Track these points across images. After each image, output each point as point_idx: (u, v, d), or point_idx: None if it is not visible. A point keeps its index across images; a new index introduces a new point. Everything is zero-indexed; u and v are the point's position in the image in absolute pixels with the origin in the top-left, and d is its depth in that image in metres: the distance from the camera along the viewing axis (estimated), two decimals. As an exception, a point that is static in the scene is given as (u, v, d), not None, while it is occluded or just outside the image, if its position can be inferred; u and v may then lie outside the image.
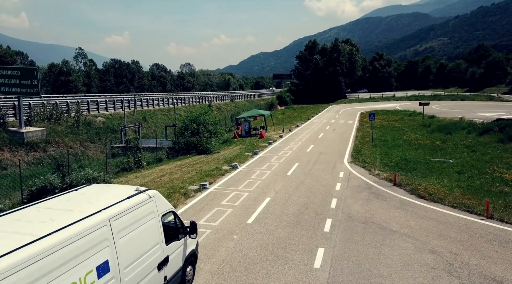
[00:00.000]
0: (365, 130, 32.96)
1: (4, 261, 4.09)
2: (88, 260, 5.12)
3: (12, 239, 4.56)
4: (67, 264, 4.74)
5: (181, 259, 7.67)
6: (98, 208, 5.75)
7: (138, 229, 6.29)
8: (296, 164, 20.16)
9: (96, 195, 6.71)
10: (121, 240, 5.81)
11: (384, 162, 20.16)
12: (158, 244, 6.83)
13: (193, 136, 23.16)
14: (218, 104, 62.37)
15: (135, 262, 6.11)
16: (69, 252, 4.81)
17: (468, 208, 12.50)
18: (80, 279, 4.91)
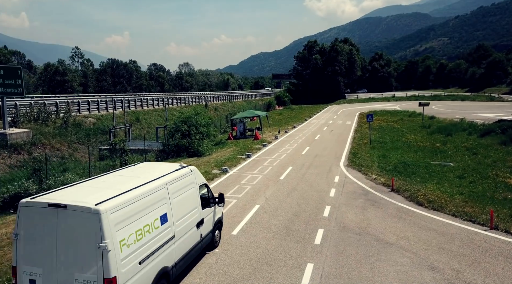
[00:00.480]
0: (363, 132, 32.12)
1: (118, 198, 6.17)
2: (155, 211, 7.01)
3: (108, 192, 6.39)
4: (143, 211, 6.65)
5: (212, 223, 9.57)
6: (158, 176, 7.76)
7: (184, 194, 8.25)
8: (289, 168, 19.31)
9: (152, 168, 8.97)
10: (173, 200, 7.75)
11: (381, 166, 19.32)
12: (196, 207, 8.76)
13: (184, 138, 22.31)
14: (215, 105, 61.50)
15: (183, 218, 8.03)
16: (144, 203, 6.71)
17: (470, 217, 11.65)
18: (151, 222, 6.82)
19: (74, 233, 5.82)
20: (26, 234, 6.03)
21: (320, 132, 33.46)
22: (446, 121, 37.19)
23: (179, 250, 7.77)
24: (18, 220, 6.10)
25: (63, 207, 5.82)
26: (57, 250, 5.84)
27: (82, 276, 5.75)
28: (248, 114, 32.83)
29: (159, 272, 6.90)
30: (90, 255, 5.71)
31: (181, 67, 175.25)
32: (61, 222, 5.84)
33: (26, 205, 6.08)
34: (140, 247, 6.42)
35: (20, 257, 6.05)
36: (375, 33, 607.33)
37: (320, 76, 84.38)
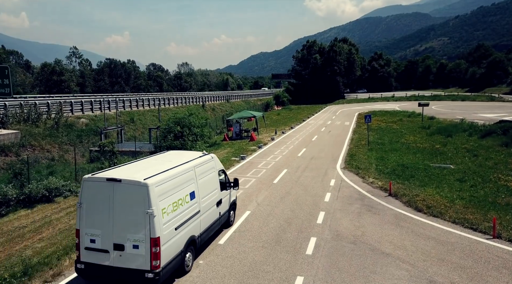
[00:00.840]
0: (362, 133, 31.51)
1: (158, 175, 7.61)
2: (186, 188, 8.47)
3: (151, 170, 7.88)
4: (178, 187, 8.12)
5: (228, 204, 11.04)
6: (186, 160, 9.25)
7: (206, 177, 9.73)
8: (284, 170, 18.69)
9: (179, 155, 10.51)
10: (199, 181, 9.23)
11: (379, 168, 18.71)
12: (216, 189, 10.23)
13: (177, 140, 21.68)
14: (212, 105, 60.84)
15: (206, 197, 9.51)
16: (178, 181, 8.18)
17: (471, 224, 11.04)
18: (183, 197, 8.29)
19: (127, 202, 7.30)
20: (88, 203, 7.51)
21: (317, 133, 32.84)
22: (446, 122, 36.59)
23: (203, 223, 9.32)
24: (81, 192, 7.62)
25: (118, 181, 7.37)
26: (113, 215, 7.31)
27: (133, 236, 7.23)
28: (244, 115, 32.18)
29: (189, 239, 8.44)
30: (140, 220, 7.19)
31: (180, 67, 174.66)
32: (116, 193, 7.34)
33: (88, 180, 7.66)
34: (175, 216, 7.97)
35: (83, 222, 7.51)
36: (375, 33, 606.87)
37: (319, 76, 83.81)
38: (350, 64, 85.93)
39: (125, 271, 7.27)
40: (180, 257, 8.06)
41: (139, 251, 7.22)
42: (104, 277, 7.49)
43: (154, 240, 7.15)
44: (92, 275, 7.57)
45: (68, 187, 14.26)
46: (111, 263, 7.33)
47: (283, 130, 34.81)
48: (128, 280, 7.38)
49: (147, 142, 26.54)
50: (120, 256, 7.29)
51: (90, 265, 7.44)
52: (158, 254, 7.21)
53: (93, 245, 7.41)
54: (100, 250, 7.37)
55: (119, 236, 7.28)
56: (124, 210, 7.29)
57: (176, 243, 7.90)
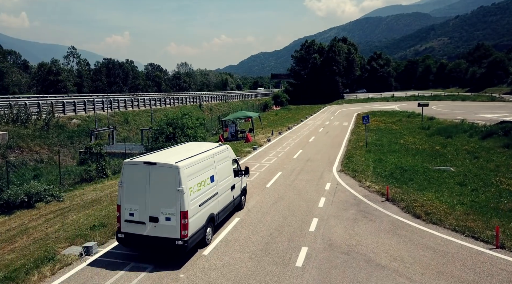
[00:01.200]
0: (360, 134, 30.87)
1: (186, 160, 8.99)
2: (207, 172, 9.85)
3: (179, 156, 9.27)
4: (200, 171, 9.44)
5: (240, 189, 12.45)
6: (206, 149, 10.64)
7: (222, 164, 11.08)
8: (278, 173, 18.06)
9: (199, 145, 11.74)
10: (217, 167, 10.60)
11: (377, 171, 18.07)
12: (230, 175, 11.62)
13: (169, 141, 21.04)
14: (210, 105, 60.17)
15: (222, 181, 10.86)
16: (201, 166, 9.58)
17: (473, 232, 10.40)
18: (205, 179, 9.67)
19: (161, 181, 8.64)
20: (127, 182, 8.86)
21: (315, 134, 32.20)
22: (446, 122, 35.96)
23: (220, 203, 10.69)
24: (122, 173, 8.99)
25: (154, 164, 8.74)
26: (149, 192, 8.66)
27: (166, 210, 8.56)
28: (240, 115, 31.51)
29: (209, 216, 9.81)
30: (171, 196, 8.52)
31: (180, 67, 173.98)
32: (152, 174, 8.68)
33: (128, 163, 9.06)
34: (199, 195, 9.32)
35: (123, 198, 8.83)
36: (375, 33, 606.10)
37: (318, 76, 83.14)
38: (349, 64, 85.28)
39: (159, 239, 8.64)
40: (202, 230, 9.51)
41: (171, 222, 8.61)
42: (141, 245, 8.94)
43: (183, 213, 8.57)
44: (130, 243, 8.98)
45: (50, 191, 13.62)
46: (147, 233, 8.72)
47: (280, 131, 34.16)
48: (161, 247, 8.73)
49: (140, 144, 25.89)
50: (155, 226, 8.69)
51: (129, 234, 8.84)
52: (186, 225, 8.60)
53: (131, 218, 8.81)
54: (137, 222, 8.78)
55: (154, 210, 8.69)
56: (159, 188, 8.70)
57: (200, 217, 9.33)
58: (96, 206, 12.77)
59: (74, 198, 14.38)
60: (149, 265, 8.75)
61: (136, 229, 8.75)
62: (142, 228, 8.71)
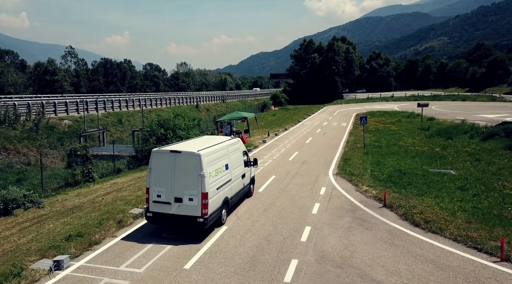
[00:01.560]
0: (358, 135, 30.18)
1: (206, 149, 10.31)
2: (222, 161, 11.24)
3: (199, 146, 10.70)
4: (217, 159, 10.83)
5: (249, 178, 13.74)
6: (220, 141, 12.09)
7: (235, 154, 12.43)
8: (272, 177, 17.35)
9: (213, 138, 13.28)
10: (231, 156, 11.98)
11: (375, 174, 17.38)
12: (241, 165, 12.94)
13: (160, 143, 20.33)
14: (207, 105, 59.42)
15: (235, 169, 12.20)
16: (218, 155, 10.98)
17: (475, 243, 9.70)
18: (221, 167, 11.02)
19: (185, 167, 9.86)
20: (155, 168, 10.04)
21: (312, 135, 31.48)
22: (446, 123, 35.29)
23: (233, 189, 11.95)
24: (151, 161, 10.10)
25: (178, 152, 9.99)
26: (174, 177, 9.87)
27: (189, 191, 9.80)
28: (235, 116, 30.78)
29: (224, 199, 11.10)
30: (194, 179, 9.74)
31: (179, 67, 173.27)
32: (177, 161, 9.90)
33: (156, 152, 10.24)
34: (217, 179, 10.55)
35: (152, 182, 10.02)
36: (375, 33, 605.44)
37: (317, 76, 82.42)
38: (348, 63, 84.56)
39: (183, 217, 9.95)
40: (219, 211, 10.79)
41: (193, 202, 9.89)
42: (167, 222, 10.29)
43: (204, 194, 9.84)
44: (158, 221, 10.28)
45: (30, 197, 12.90)
46: (173, 212, 10.02)
47: (276, 132, 33.45)
48: (185, 224, 10.09)
49: (131, 145, 25.16)
50: (179, 206, 9.98)
51: (157, 213, 10.11)
52: (206, 205, 9.87)
53: (159, 199, 10.07)
54: (164, 202, 10.04)
55: (178, 191, 9.97)
56: (183, 172, 9.97)
57: (217, 199, 10.61)
58: (76, 213, 12.08)
59: (55, 204, 13.67)
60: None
61: (163, 208, 10.09)
62: (168, 208, 10.06)
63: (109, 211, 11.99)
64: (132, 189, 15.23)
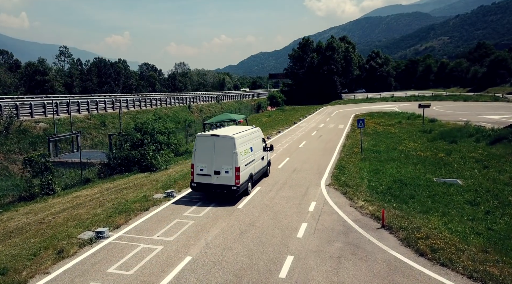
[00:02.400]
0: (356, 138, 28.26)
1: (237, 134, 13.57)
2: (248, 144, 14.23)
3: (231, 132, 13.87)
4: (245, 142, 13.91)
5: (266, 161, 17.14)
6: (246, 129, 15.22)
7: (256, 140, 15.65)
8: (256, 189, 15.37)
9: (239, 127, 16.30)
10: (254, 141, 15.08)
11: (372, 185, 15.44)
12: (261, 149, 16.18)
13: (136, 149, 18.39)
14: (200, 106, 57.37)
15: (257, 152, 15.36)
16: (245, 139, 14.07)
17: (496, 283, 7.75)
18: (247, 148, 14.04)
19: (222, 147, 13.08)
20: (199, 148, 13.32)
21: (306, 139, 29.49)
22: (449, 125, 33.35)
23: (255, 168, 15.05)
24: (196, 142, 13.52)
25: (217, 136, 13.27)
26: (214, 154, 13.13)
27: (225, 166, 13.03)
28: (223, 118, 28.65)
29: (250, 174, 14.28)
30: (229, 156, 13.00)
31: (177, 66, 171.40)
32: (216, 142, 13.18)
33: (200, 135, 13.67)
34: (245, 158, 13.74)
35: (196, 159, 13.31)
36: (375, 32, 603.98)
37: (315, 76, 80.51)
38: (347, 63, 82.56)
39: (220, 186, 13.02)
40: (246, 183, 13.74)
41: (228, 174, 12.93)
42: (207, 190, 13.30)
43: (237, 168, 12.87)
44: (200, 189, 13.36)
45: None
46: (213, 182, 13.05)
47: (268, 135, 31.44)
48: (222, 191, 13.08)
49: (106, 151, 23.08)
50: (218, 177, 13.00)
51: (200, 183, 13.17)
52: (238, 176, 12.89)
53: (201, 172, 13.06)
54: (205, 174, 13.02)
55: (217, 166, 12.98)
56: (220, 151, 12.97)
57: (245, 173, 13.55)
58: (14, 239, 10.14)
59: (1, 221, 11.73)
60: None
61: (204, 179, 13.05)
62: (209, 179, 13.03)
63: (53, 236, 10.01)
64: (93, 204, 13.25)
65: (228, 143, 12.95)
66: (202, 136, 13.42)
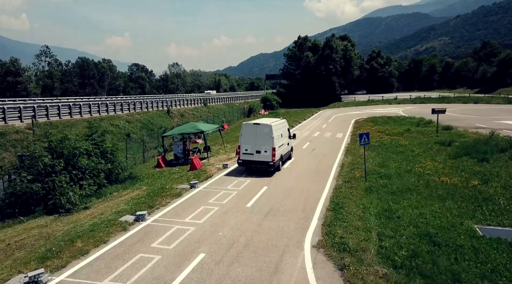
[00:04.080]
0: (358, 153, 22.47)
1: (273, 122, 18.78)
2: (280, 131, 19.19)
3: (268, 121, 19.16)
4: (278, 130, 18.85)
5: (290, 146, 21.73)
6: (276, 120, 20.32)
7: (284, 129, 20.49)
8: (196, 259, 9.44)
9: (272, 118, 22.84)
10: (283, 129, 20.13)
11: (386, 247, 9.70)
12: (287, 136, 20.87)
13: (38, 182, 12.60)
14: (182, 110, 51.44)
15: (285, 138, 20.33)
16: (278, 128, 19.03)
17: None
18: (279, 134, 19.00)
19: (262, 132, 17.60)
20: (244, 133, 17.88)
21: (296, 153, 23.67)
22: (470, 134, 27.61)
23: (283, 150, 19.61)
24: (242, 129, 18.09)
25: (258, 124, 17.99)
26: (256, 138, 17.68)
27: (265, 147, 17.53)
28: (186, 130, 22.63)
29: (281, 154, 18.81)
30: (268, 139, 17.53)
31: (171, 67, 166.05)
32: (257, 129, 17.75)
33: (245, 124, 18.39)
34: (278, 141, 18.20)
35: (242, 141, 17.86)
36: (375, 33, 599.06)
37: (312, 76, 74.72)
38: (346, 62, 76.80)
39: (261, 162, 17.71)
40: (278, 161, 18.57)
41: (267, 153, 17.55)
42: (251, 165, 18.07)
43: (273, 148, 17.47)
44: (245, 165, 18.22)
45: None
46: (255, 159, 17.79)
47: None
48: (261, 166, 17.81)
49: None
50: (258, 155, 17.67)
51: (244, 160, 18.02)
52: (274, 155, 17.52)
53: (246, 151, 17.86)
54: (249, 153, 17.79)
55: (258, 147, 17.66)
56: (261, 136, 17.60)
57: (278, 153, 18.26)
58: None
59: None
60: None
61: (248, 157, 17.86)
62: (252, 157, 17.79)
63: None
64: None
65: (267, 128, 17.53)
66: (246, 124, 18.20)
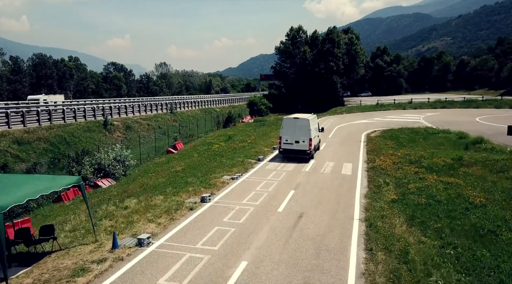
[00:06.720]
0: (386, 218, 10.23)
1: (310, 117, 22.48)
2: (314, 124, 22.97)
3: (304, 115, 22.97)
4: (313, 123, 22.70)
5: (319, 138, 25.27)
6: (310, 115, 23.95)
7: (316, 123, 23.93)
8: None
9: (303, 114, 24.80)
10: (315, 123, 23.52)
11: None
12: (317, 129, 24.43)
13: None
14: (132, 120, 38.37)
15: (317, 131, 24.00)
16: (313, 121, 22.84)
17: None
18: (315, 127, 22.98)
19: (301, 125, 21.19)
20: (285, 126, 21.42)
21: (269, 222, 11.32)
22: None
23: (316, 141, 22.91)
24: (283, 122, 21.69)
25: (297, 118, 21.70)
26: (295, 130, 21.18)
27: (303, 137, 21.06)
28: (30, 194, 9.75)
29: (315, 145, 22.41)
30: (305, 131, 21.08)
31: (158, 67, 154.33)
32: (296, 122, 21.34)
33: (286, 118, 22.12)
34: (313, 133, 21.59)
35: (283, 133, 21.41)
36: (375, 34, 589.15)
37: (310, 75, 62.14)
38: (351, 59, 64.34)
39: (299, 151, 20.96)
40: (314, 150, 21.86)
41: (304, 143, 20.79)
42: (290, 153, 21.21)
43: (310, 139, 20.78)
44: (285, 153, 21.38)
45: None
46: (294, 148, 20.98)
47: (172, 219, 13.31)
48: (299, 154, 21.04)
49: None
50: (297, 145, 20.87)
51: (285, 149, 21.24)
52: (311, 144, 20.82)
53: (286, 141, 21.09)
54: (289, 143, 21.00)
55: (297, 137, 20.88)
56: (299, 128, 20.85)
57: (313, 143, 21.35)
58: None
59: None
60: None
61: (288, 146, 21.03)
62: (291, 146, 20.97)
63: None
64: None
65: (305, 122, 20.95)
66: (287, 118, 21.69)
